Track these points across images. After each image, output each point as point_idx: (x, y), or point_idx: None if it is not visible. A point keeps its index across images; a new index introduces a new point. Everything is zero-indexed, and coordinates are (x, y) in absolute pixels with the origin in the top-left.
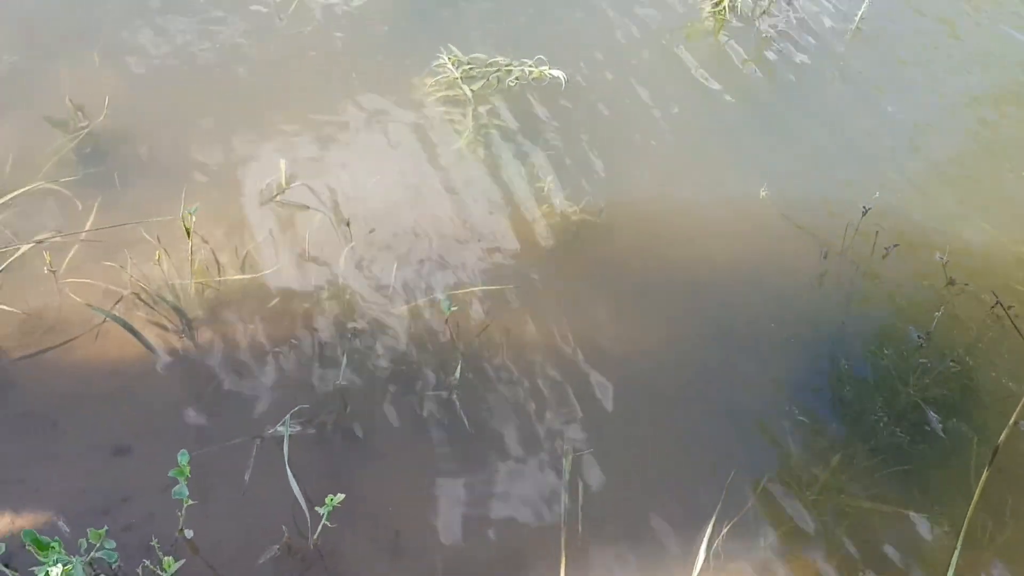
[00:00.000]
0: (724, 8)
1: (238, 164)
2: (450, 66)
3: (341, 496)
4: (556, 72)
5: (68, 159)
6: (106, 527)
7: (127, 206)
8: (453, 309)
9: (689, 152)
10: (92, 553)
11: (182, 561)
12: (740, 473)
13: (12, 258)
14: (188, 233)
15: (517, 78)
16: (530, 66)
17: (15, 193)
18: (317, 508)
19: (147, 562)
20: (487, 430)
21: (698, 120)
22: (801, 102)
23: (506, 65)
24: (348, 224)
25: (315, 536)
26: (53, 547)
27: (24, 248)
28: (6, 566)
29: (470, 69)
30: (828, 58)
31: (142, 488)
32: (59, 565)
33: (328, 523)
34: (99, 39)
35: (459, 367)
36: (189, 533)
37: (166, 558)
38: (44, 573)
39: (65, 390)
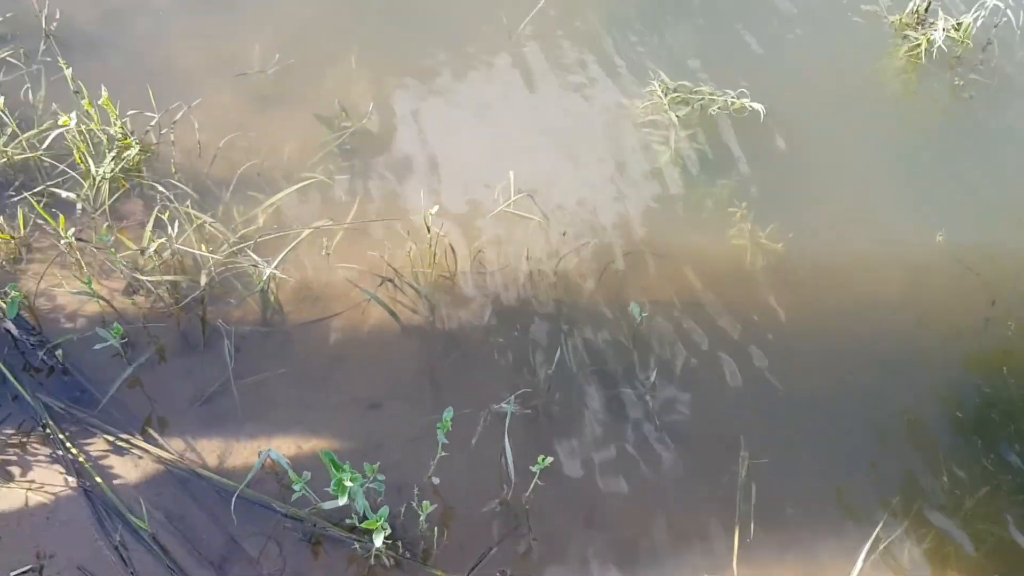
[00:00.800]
0: (920, 52)
1: (477, 170)
2: (660, 93)
3: (550, 459)
4: (756, 105)
5: (332, 153)
6: (379, 462)
7: (383, 200)
8: (644, 315)
9: (873, 190)
10: (366, 483)
11: (435, 505)
12: (898, 492)
13: (298, 240)
14: (428, 230)
15: (720, 108)
16: (732, 97)
17: (299, 185)
18: (531, 468)
19: (412, 502)
20: (675, 430)
21: (884, 159)
22: (986, 149)
23: (710, 94)
24: (564, 234)
25: (528, 493)
26: (344, 468)
27: (306, 232)
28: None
29: (676, 96)
30: (1014, 109)
31: (391, 439)
32: (349, 473)
33: (540, 482)
34: (357, 42)
35: (655, 371)
36: (436, 480)
37: (424, 501)
38: (336, 482)
39: (332, 352)
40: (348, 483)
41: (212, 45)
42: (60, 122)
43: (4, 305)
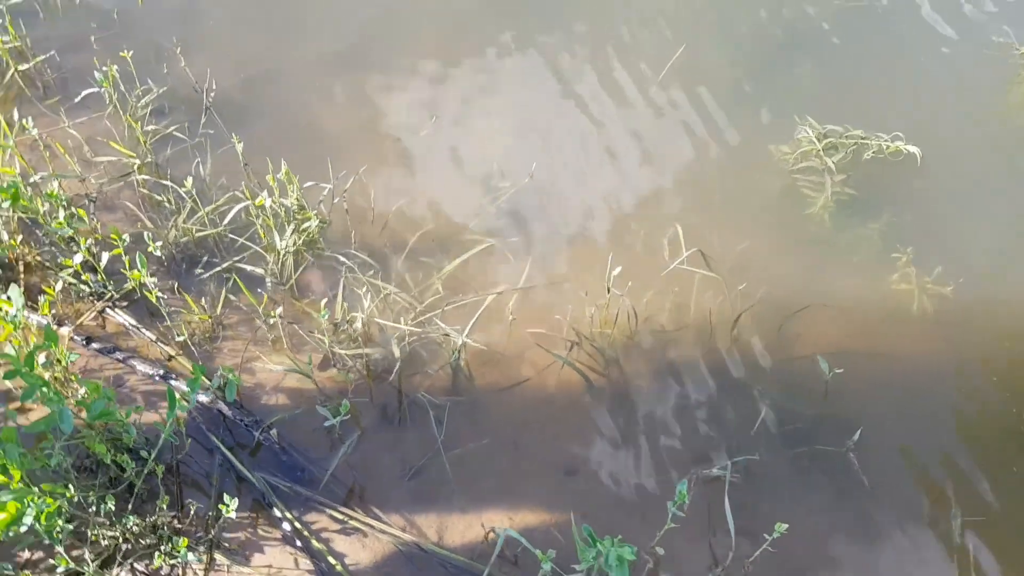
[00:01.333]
0: None
1: (641, 224)
2: (813, 139)
3: (785, 526)
4: (912, 148)
5: (492, 214)
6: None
7: (552, 260)
8: (838, 371)
9: None
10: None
11: None
12: None
13: (483, 307)
14: (608, 291)
15: (874, 152)
16: (886, 141)
17: (473, 251)
18: (765, 535)
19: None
20: (884, 488)
21: None
22: None
23: (862, 138)
24: (741, 288)
25: (751, 560)
26: (604, 542)
27: (490, 298)
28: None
29: (829, 141)
30: None
31: (594, 506)
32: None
33: (770, 548)
34: (504, 100)
35: (855, 427)
36: (660, 551)
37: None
38: (618, 559)
39: (525, 419)
40: (629, 556)
41: (359, 107)
42: (256, 202)
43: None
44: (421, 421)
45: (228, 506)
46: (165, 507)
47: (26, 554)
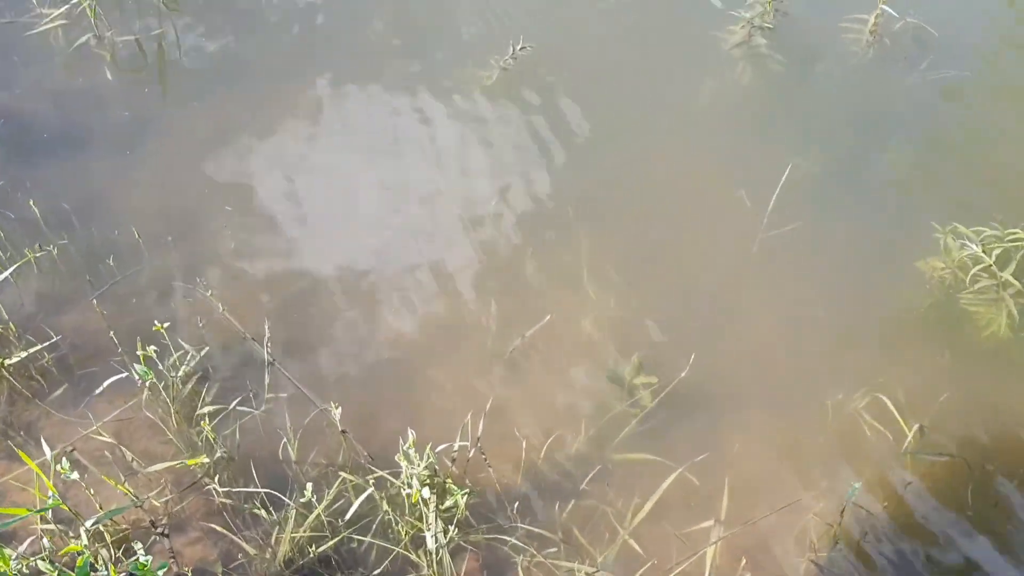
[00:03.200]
0: None
1: (828, 398)
2: (982, 254)
3: None
4: None
5: (642, 421)
6: None
7: (746, 474)
8: None
9: None
10: None
11: None
12: None
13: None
14: (842, 513)
15: None
16: None
17: (660, 490)
18: None
19: None
20: None
21: None
22: None
23: None
24: (988, 469)
25: None
26: None
27: (709, 556)
28: None
29: (996, 251)
30: None
31: None
32: None
33: None
34: (608, 279)
35: None
36: None
37: None
38: None
39: None
40: None
41: (441, 317)
42: (411, 497)
43: None
44: None
45: None
46: None
47: None
